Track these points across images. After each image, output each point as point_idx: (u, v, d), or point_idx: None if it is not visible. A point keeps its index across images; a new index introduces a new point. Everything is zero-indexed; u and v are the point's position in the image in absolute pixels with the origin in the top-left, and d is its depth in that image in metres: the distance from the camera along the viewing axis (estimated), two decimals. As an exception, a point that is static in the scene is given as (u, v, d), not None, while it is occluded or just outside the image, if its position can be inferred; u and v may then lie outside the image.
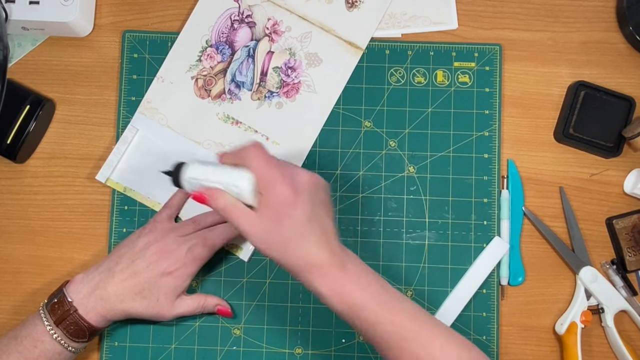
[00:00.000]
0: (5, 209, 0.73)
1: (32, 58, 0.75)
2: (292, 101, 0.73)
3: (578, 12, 0.75)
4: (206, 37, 0.74)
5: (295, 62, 0.73)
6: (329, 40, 0.74)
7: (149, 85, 0.74)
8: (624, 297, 0.70)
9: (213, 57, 0.73)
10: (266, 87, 0.73)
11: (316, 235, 0.54)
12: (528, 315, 0.71)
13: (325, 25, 0.74)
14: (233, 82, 0.73)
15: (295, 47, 0.73)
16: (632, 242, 0.71)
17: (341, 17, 0.74)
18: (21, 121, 0.71)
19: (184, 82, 0.73)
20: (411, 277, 0.71)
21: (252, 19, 0.74)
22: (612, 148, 0.73)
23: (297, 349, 0.71)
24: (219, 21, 0.74)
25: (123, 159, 0.72)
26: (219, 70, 0.73)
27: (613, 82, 0.74)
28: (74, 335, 0.62)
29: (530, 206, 0.73)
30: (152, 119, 0.73)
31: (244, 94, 0.73)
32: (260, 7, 0.74)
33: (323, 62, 0.73)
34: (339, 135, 0.73)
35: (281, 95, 0.73)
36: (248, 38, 0.74)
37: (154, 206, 0.71)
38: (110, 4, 0.76)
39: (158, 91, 0.73)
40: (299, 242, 0.54)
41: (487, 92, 0.74)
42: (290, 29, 0.74)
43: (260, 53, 0.73)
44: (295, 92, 0.73)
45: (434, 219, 0.72)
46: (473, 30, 0.75)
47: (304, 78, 0.73)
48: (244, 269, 0.72)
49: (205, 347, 0.71)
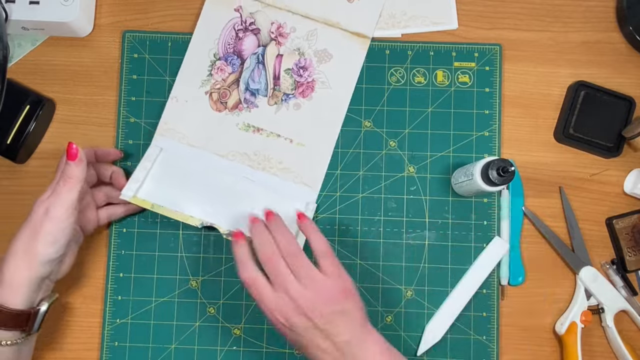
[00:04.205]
0: (5, 209, 0.73)
1: (32, 58, 0.75)
2: (309, 100, 0.73)
3: (578, 12, 0.76)
4: (213, 50, 0.73)
5: (305, 61, 0.73)
6: (335, 35, 0.74)
7: (149, 85, 0.74)
8: (624, 297, 0.70)
9: (223, 70, 0.73)
10: (281, 91, 0.73)
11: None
12: (528, 315, 0.71)
13: (329, 20, 0.74)
14: (247, 90, 0.73)
15: (303, 46, 0.73)
16: (632, 242, 0.71)
17: (343, 10, 0.74)
18: (21, 121, 0.71)
19: (199, 98, 0.73)
20: (411, 277, 0.71)
21: (256, 25, 0.74)
22: (612, 148, 0.73)
23: (297, 349, 0.71)
24: (223, 33, 0.74)
25: (148, 177, 0.71)
26: (232, 81, 0.73)
27: (613, 82, 0.74)
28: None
29: (530, 206, 0.73)
30: (173, 139, 0.72)
31: (260, 100, 0.73)
32: (261, 12, 0.74)
33: (333, 57, 0.74)
34: (339, 135, 0.73)
35: (297, 96, 0.73)
36: (255, 45, 0.74)
37: (186, 220, 0.69)
38: (110, 4, 0.76)
39: (174, 111, 0.73)
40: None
41: (487, 92, 0.74)
42: (295, 29, 0.74)
43: (270, 58, 0.73)
44: (311, 90, 0.73)
45: (434, 219, 0.72)
46: (473, 30, 0.75)
47: (317, 75, 0.73)
48: (244, 269, 0.72)
49: (205, 347, 0.71)
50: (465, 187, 0.68)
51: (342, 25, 0.74)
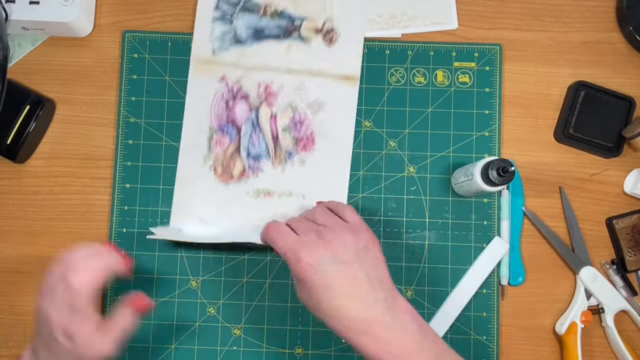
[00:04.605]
0: (5, 209, 0.73)
1: (32, 58, 0.75)
2: (312, 153, 0.73)
3: (578, 12, 0.75)
4: (207, 124, 0.73)
5: (300, 116, 0.73)
6: (323, 83, 0.73)
7: (149, 85, 0.74)
8: (624, 297, 0.70)
9: (222, 141, 0.73)
10: (282, 150, 0.73)
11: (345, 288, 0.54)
12: (528, 315, 0.71)
13: (314, 70, 0.73)
14: (250, 157, 0.73)
15: (294, 101, 0.73)
16: (632, 242, 0.71)
17: (325, 56, 0.74)
18: (21, 121, 0.71)
19: (204, 175, 0.73)
20: (411, 277, 0.71)
21: (244, 91, 0.73)
22: (612, 148, 0.73)
23: (297, 349, 0.71)
24: (213, 105, 0.73)
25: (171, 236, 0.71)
26: (232, 151, 0.73)
27: (613, 82, 0.74)
28: None
29: (530, 206, 0.73)
30: (188, 219, 0.72)
31: (264, 164, 0.73)
32: (246, 77, 0.74)
33: (326, 105, 0.73)
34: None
35: (300, 151, 0.73)
36: (247, 110, 0.73)
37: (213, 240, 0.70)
38: (110, 4, 0.76)
39: (183, 192, 0.72)
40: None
41: (487, 92, 0.74)
42: (283, 86, 0.73)
43: (264, 120, 0.73)
44: (312, 143, 0.73)
45: (434, 219, 0.72)
46: (473, 30, 0.75)
47: (315, 127, 0.73)
48: (244, 269, 0.72)
49: (205, 347, 0.71)
50: (465, 187, 0.68)
51: (327, 72, 0.73)
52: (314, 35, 0.74)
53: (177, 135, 0.73)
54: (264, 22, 0.74)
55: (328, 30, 0.73)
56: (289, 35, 0.74)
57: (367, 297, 0.54)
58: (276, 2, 0.74)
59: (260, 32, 0.74)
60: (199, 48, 0.74)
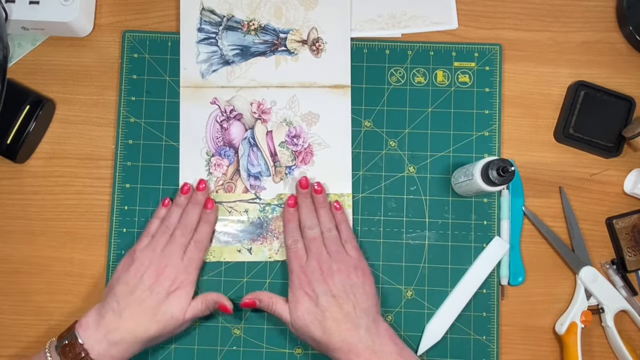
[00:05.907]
0: (5, 209, 0.73)
1: (32, 58, 0.75)
2: (312, 165, 0.73)
3: (578, 12, 0.76)
4: (204, 149, 0.73)
5: (296, 129, 0.73)
6: (315, 94, 0.73)
7: (149, 85, 0.74)
8: (624, 297, 0.70)
9: (220, 164, 0.73)
10: (282, 165, 0.73)
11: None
12: (528, 315, 0.71)
13: (304, 82, 0.73)
14: (250, 176, 0.73)
15: (288, 115, 0.73)
16: (632, 242, 0.71)
17: (314, 68, 0.74)
18: (21, 121, 0.71)
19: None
20: (411, 277, 0.71)
21: (237, 111, 0.73)
22: (612, 148, 0.73)
23: (297, 349, 0.71)
24: (208, 129, 0.73)
25: None
26: (232, 172, 0.73)
27: (613, 82, 0.74)
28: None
29: (530, 206, 0.73)
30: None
31: (265, 182, 0.73)
32: (238, 97, 0.74)
33: (320, 116, 0.73)
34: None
35: (299, 165, 0.73)
36: (242, 130, 0.73)
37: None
38: (110, 4, 0.76)
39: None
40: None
41: (487, 92, 0.74)
42: (275, 102, 0.73)
43: (260, 138, 0.73)
44: (310, 155, 0.73)
45: (434, 219, 0.72)
46: (473, 30, 0.75)
47: (312, 139, 0.73)
48: (244, 269, 0.72)
49: (205, 347, 0.71)
50: (465, 187, 0.68)
51: (318, 83, 0.73)
52: (301, 47, 0.74)
53: (176, 135, 0.73)
54: (249, 39, 0.74)
55: (314, 40, 0.73)
56: (275, 50, 0.74)
57: (351, 323, 0.62)
58: (259, 16, 0.74)
59: (247, 49, 0.74)
60: (187, 73, 0.74)
